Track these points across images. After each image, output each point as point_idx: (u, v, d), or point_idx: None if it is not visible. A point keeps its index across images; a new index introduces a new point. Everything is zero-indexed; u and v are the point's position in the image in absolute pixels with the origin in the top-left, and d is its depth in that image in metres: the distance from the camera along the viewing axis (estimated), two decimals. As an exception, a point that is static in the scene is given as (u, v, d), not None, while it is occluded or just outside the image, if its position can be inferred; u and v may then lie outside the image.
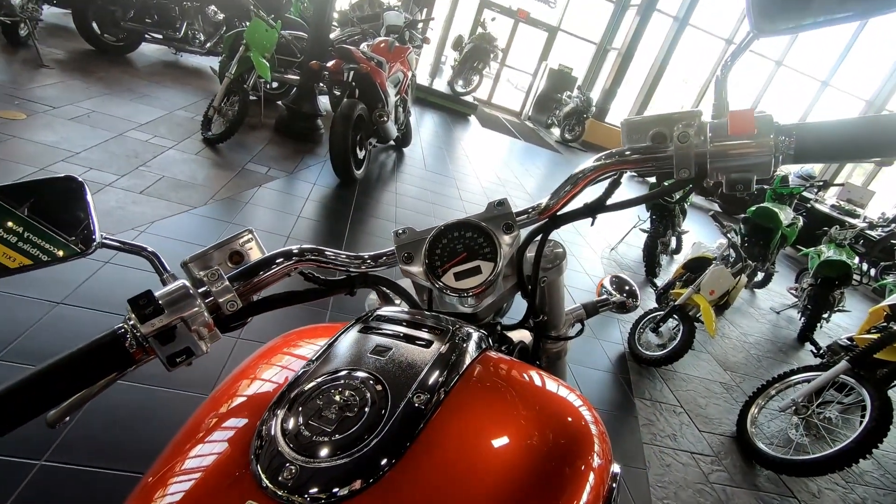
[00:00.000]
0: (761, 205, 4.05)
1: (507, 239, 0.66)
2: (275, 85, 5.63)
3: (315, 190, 3.82)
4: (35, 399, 0.46)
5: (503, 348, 0.86)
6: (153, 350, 0.50)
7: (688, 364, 3.23)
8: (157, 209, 2.79)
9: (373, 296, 0.87)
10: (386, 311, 0.65)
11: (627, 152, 0.63)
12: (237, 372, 0.63)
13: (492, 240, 0.65)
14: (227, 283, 0.56)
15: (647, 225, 4.62)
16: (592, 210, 0.68)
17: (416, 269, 0.66)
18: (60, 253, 0.55)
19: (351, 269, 0.68)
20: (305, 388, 0.50)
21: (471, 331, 0.61)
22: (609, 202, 0.69)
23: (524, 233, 0.72)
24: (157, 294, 0.51)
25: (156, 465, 0.51)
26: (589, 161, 0.67)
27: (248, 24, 4.23)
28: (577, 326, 0.98)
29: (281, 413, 0.48)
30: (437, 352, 0.55)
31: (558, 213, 0.70)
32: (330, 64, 3.86)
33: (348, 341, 0.58)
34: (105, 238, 0.58)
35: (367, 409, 0.47)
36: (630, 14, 11.56)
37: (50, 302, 1.90)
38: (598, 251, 4.85)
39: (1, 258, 0.52)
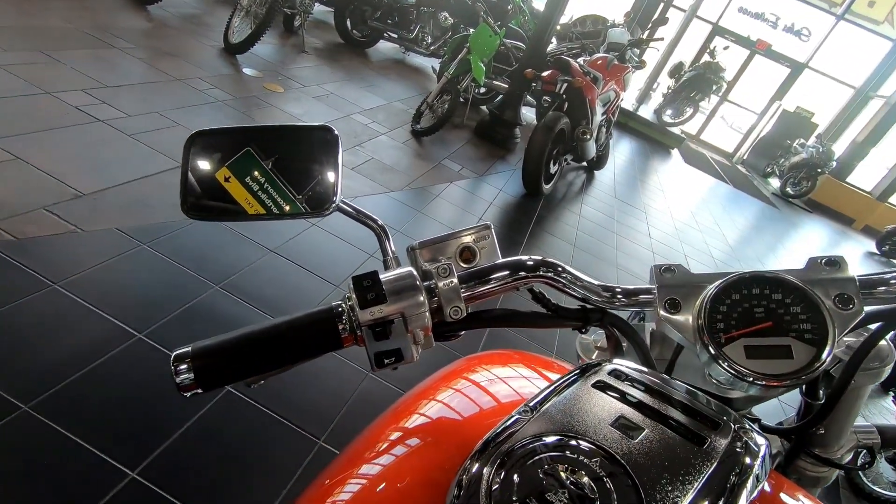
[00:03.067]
0: None
1: (844, 319, 0.44)
2: (482, 90, 5.82)
3: (500, 196, 3.80)
4: (244, 365, 0.41)
5: None
6: (364, 341, 0.43)
7: (932, 521, 2.37)
8: (363, 186, 3.04)
9: (585, 337, 0.72)
10: (625, 367, 0.49)
11: None
12: (421, 390, 0.58)
13: (819, 314, 0.44)
14: (456, 282, 0.46)
15: None
16: None
17: (683, 321, 0.49)
18: (287, 208, 0.55)
19: (590, 301, 0.54)
20: (520, 447, 0.38)
21: (757, 436, 0.42)
22: None
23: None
24: (382, 278, 0.44)
25: (332, 472, 0.47)
26: None
27: (472, 30, 4.42)
28: (864, 455, 0.69)
29: (488, 470, 0.38)
30: (714, 457, 0.38)
31: None
32: (545, 74, 3.80)
33: (577, 396, 0.44)
34: (343, 202, 0.54)
35: None
36: (915, 56, 9.32)
37: (265, 248, 2.17)
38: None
39: (242, 203, 0.54)
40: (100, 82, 2.82)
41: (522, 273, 0.50)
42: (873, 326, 0.51)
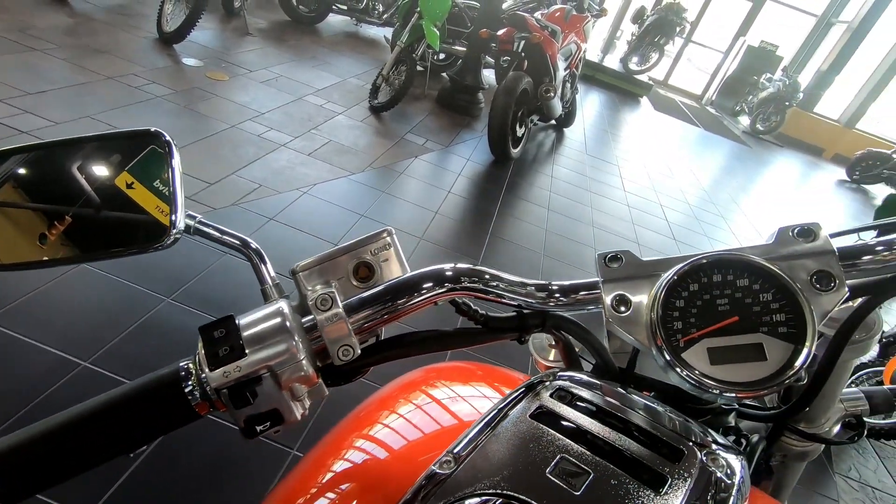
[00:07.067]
0: None
1: (824, 302, 0.36)
2: (441, 56, 5.61)
3: (468, 166, 3.68)
4: (66, 461, 0.32)
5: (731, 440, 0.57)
6: (224, 406, 0.34)
7: (917, 441, 2.43)
8: (321, 172, 2.89)
9: (537, 334, 0.62)
10: (573, 382, 0.41)
11: None
12: (376, 402, 0.56)
13: (795, 300, 0.36)
14: (342, 314, 0.36)
15: None
16: None
17: (635, 321, 0.40)
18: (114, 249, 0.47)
19: (525, 304, 0.45)
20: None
21: (730, 458, 0.35)
22: None
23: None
24: (242, 322, 0.34)
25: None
26: None
27: (424, -8, 4.18)
28: (850, 426, 0.63)
29: None
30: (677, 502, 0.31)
31: None
32: (500, 32, 3.63)
33: (513, 434, 0.36)
34: (199, 223, 0.44)
35: None
36: (874, -23, 9.23)
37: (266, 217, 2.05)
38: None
39: (154, 210, 0.45)
40: (21, 90, 2.60)
41: (445, 288, 0.41)
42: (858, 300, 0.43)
